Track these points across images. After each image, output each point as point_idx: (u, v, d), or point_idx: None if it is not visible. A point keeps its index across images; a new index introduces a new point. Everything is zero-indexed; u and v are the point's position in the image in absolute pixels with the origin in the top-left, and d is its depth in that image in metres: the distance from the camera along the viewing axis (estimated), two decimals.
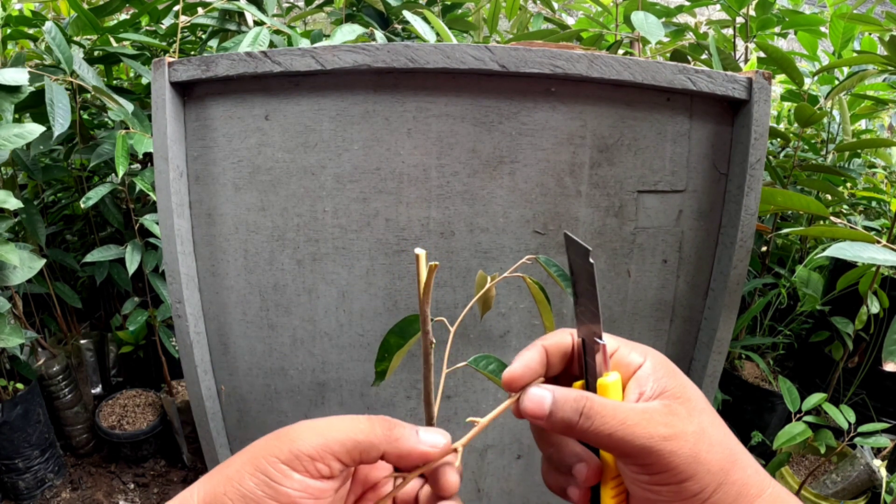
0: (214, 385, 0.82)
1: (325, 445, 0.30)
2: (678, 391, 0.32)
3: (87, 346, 1.66)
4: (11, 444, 1.35)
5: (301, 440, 0.30)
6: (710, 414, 0.32)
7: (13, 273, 1.10)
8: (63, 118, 1.01)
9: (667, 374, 0.33)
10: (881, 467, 1.15)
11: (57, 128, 1.00)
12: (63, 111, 1.02)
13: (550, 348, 0.35)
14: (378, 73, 0.69)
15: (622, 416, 0.30)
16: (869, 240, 0.73)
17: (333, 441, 0.30)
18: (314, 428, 0.30)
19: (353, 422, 0.31)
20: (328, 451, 0.30)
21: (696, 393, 0.33)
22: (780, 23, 1.36)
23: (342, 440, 0.30)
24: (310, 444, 0.30)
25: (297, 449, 0.29)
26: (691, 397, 0.32)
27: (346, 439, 0.30)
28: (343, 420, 0.31)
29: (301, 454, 0.29)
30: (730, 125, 0.74)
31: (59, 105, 1.02)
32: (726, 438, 0.32)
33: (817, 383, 1.53)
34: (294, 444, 0.29)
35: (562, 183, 0.74)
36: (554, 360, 0.35)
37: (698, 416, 0.31)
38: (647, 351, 0.34)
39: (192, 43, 1.49)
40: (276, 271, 0.77)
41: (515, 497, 0.89)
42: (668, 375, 0.33)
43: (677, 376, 0.33)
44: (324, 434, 0.30)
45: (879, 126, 2.01)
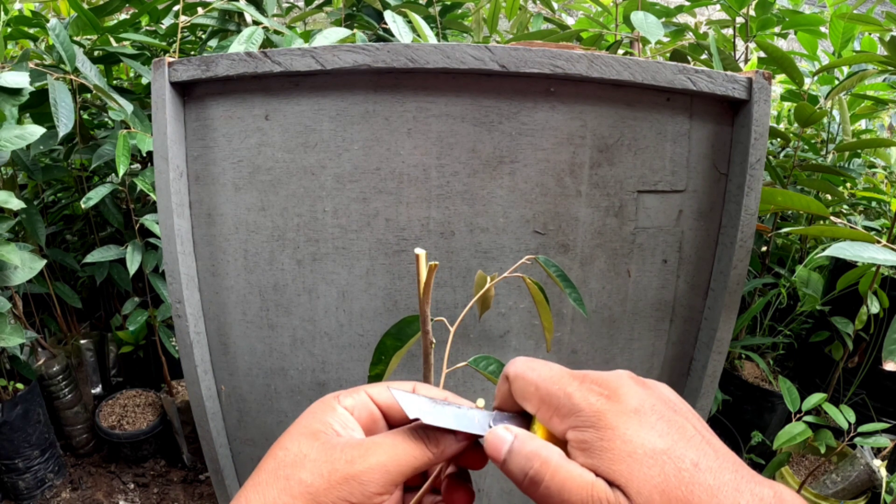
0: (214, 385, 0.82)
1: (391, 481, 0.32)
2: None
3: (87, 346, 1.66)
4: (11, 444, 1.35)
5: (372, 482, 0.31)
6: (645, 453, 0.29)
7: (14, 273, 1.10)
8: (67, 118, 1.02)
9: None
10: (881, 467, 1.15)
11: (61, 128, 1.01)
12: (66, 111, 1.02)
13: None
14: (378, 73, 0.69)
15: (566, 496, 0.29)
16: (869, 240, 0.73)
17: (398, 475, 0.32)
18: (381, 466, 0.32)
19: (405, 446, 0.33)
20: (392, 483, 0.32)
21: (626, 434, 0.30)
22: (780, 23, 1.36)
23: (404, 471, 0.32)
24: (379, 485, 0.31)
25: (368, 492, 0.31)
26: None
27: (407, 469, 0.32)
28: (397, 447, 0.33)
29: (372, 494, 0.31)
30: (730, 125, 0.74)
31: (63, 105, 1.02)
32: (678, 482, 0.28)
33: (817, 383, 1.53)
34: (365, 486, 0.31)
35: (562, 183, 0.74)
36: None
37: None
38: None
39: (192, 43, 1.49)
40: (276, 271, 0.77)
41: (515, 497, 0.89)
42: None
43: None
44: (390, 471, 0.32)
45: (879, 126, 2.01)
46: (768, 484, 0.29)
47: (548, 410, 0.32)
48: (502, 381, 0.36)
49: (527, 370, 0.34)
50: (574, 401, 0.31)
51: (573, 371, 0.33)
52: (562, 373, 0.33)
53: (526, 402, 0.34)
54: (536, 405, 0.33)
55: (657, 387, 0.33)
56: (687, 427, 0.31)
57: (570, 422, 0.31)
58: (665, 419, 0.30)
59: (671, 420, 0.31)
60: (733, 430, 1.51)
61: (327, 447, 0.32)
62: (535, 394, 0.33)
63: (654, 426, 0.30)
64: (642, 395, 0.31)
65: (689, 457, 0.29)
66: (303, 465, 0.32)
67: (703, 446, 0.30)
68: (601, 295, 0.79)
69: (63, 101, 1.02)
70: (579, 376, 0.33)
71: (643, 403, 0.31)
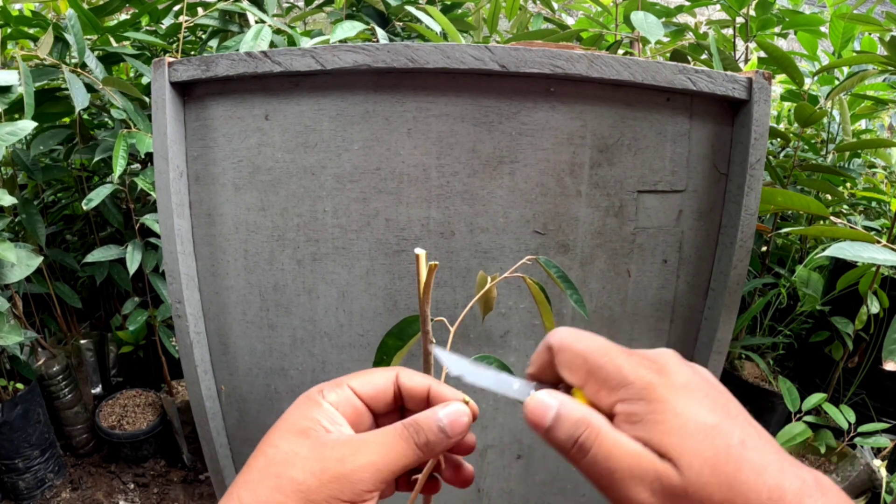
0: (214, 385, 0.82)
1: (382, 479, 0.32)
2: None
3: (87, 346, 1.66)
4: (11, 444, 1.35)
5: (363, 481, 0.32)
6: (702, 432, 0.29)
7: (10, 271, 1.10)
8: (82, 97, 1.09)
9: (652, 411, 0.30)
10: (881, 467, 1.15)
11: (78, 104, 1.08)
12: (80, 92, 1.10)
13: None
14: (378, 73, 0.69)
15: (613, 465, 0.29)
16: (869, 240, 0.73)
17: (389, 473, 0.33)
18: (372, 465, 0.32)
19: (395, 444, 0.33)
20: (382, 482, 0.32)
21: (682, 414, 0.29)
22: (780, 23, 1.36)
23: (394, 469, 0.33)
24: (370, 483, 0.32)
25: (359, 490, 0.32)
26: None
27: (397, 468, 0.33)
28: (387, 445, 0.33)
29: (363, 492, 0.32)
30: (730, 125, 0.74)
31: (76, 87, 1.10)
32: (729, 469, 0.28)
33: (817, 383, 1.53)
34: (356, 485, 0.32)
35: (562, 183, 0.74)
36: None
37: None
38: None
39: (192, 43, 1.49)
40: (276, 271, 0.77)
41: (515, 497, 0.89)
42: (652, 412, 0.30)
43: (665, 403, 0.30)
44: (380, 469, 0.32)
45: (879, 126, 2.01)
46: (808, 469, 0.29)
47: (595, 383, 0.31)
48: (543, 351, 0.34)
49: (574, 340, 0.33)
50: (624, 373, 0.30)
51: (618, 346, 0.33)
52: (610, 345, 0.32)
53: (572, 373, 0.32)
54: (583, 377, 0.32)
55: (699, 368, 0.33)
56: (730, 406, 0.31)
57: (619, 394, 0.30)
58: (711, 397, 0.30)
59: (716, 399, 0.30)
60: None
61: (318, 445, 0.33)
62: (583, 365, 0.32)
63: (703, 402, 0.30)
64: (688, 373, 0.31)
65: (736, 434, 0.29)
66: (294, 464, 0.32)
67: (747, 426, 0.30)
68: (601, 295, 0.79)
69: (76, 84, 1.10)
70: (627, 350, 0.32)
71: (690, 380, 0.31)
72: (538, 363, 0.35)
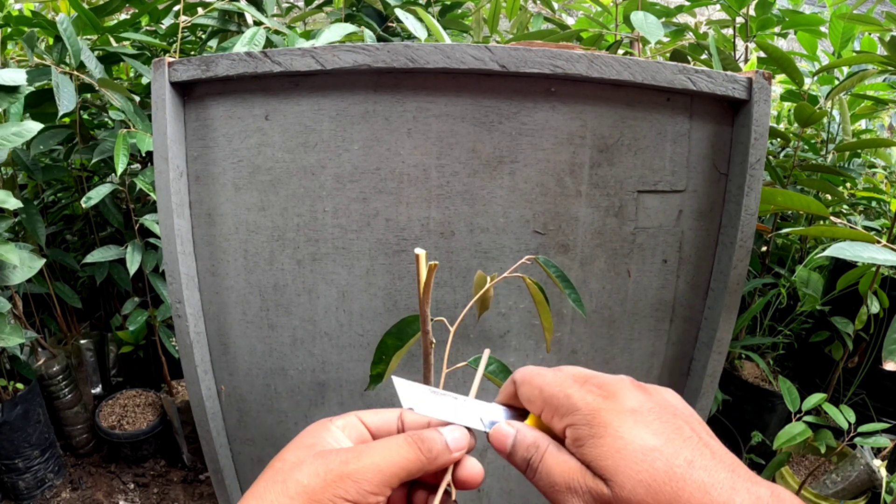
0: (214, 385, 0.82)
1: (385, 481, 0.33)
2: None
3: (87, 346, 1.66)
4: (11, 444, 1.35)
5: (366, 481, 0.32)
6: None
7: (13, 273, 1.10)
8: (68, 100, 1.07)
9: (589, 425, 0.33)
10: (881, 467, 1.15)
11: (62, 107, 1.06)
12: (68, 94, 1.07)
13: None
14: (378, 73, 0.69)
15: (552, 480, 0.33)
16: (869, 240, 0.73)
17: (391, 475, 0.33)
18: (375, 466, 0.33)
19: (398, 448, 0.34)
20: (386, 484, 0.33)
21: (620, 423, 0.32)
22: (780, 23, 1.36)
23: (397, 472, 0.33)
24: (373, 483, 0.32)
25: (363, 490, 0.32)
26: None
27: (399, 471, 0.33)
28: (391, 448, 0.34)
29: (366, 493, 0.32)
30: (730, 125, 0.74)
31: (65, 89, 1.07)
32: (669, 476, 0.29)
33: (817, 383, 1.53)
34: (360, 485, 0.32)
35: (562, 183, 0.74)
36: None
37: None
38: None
39: (192, 43, 1.49)
40: (276, 271, 0.77)
41: (515, 497, 0.89)
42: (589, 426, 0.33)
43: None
44: (383, 470, 0.33)
45: (879, 126, 2.01)
46: (766, 484, 0.29)
47: (549, 411, 0.35)
48: (508, 384, 0.39)
49: (534, 375, 0.37)
50: (573, 400, 0.34)
51: (577, 374, 0.36)
52: (565, 377, 0.36)
53: (531, 404, 0.36)
54: (540, 407, 0.36)
55: (658, 391, 0.35)
56: (684, 428, 0.32)
57: (567, 420, 0.34)
58: (662, 420, 0.32)
59: (668, 421, 0.32)
60: (733, 430, 1.51)
61: (323, 453, 0.34)
62: (539, 396, 0.36)
63: (650, 425, 0.31)
64: (641, 398, 0.33)
65: (683, 455, 0.30)
66: (299, 469, 0.33)
67: (700, 446, 0.31)
68: (601, 295, 0.79)
69: (65, 87, 1.07)
70: (581, 379, 0.35)
71: (641, 405, 0.33)
72: (504, 394, 0.40)
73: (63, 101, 1.06)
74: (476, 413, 0.38)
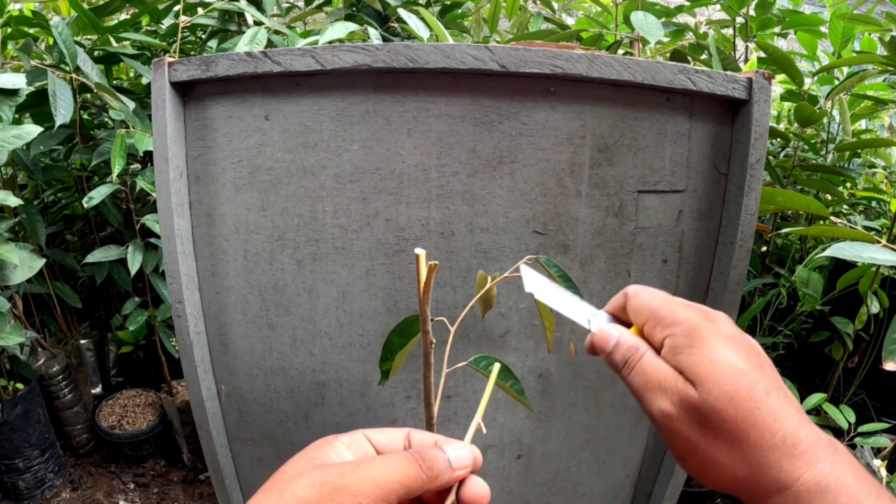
0: (214, 385, 0.82)
1: (381, 496, 0.32)
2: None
3: (87, 346, 1.66)
4: (11, 444, 1.35)
5: (362, 493, 0.32)
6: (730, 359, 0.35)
7: (13, 272, 1.10)
8: (65, 109, 1.04)
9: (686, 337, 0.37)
10: (881, 467, 1.15)
11: (59, 118, 1.03)
12: (65, 103, 1.05)
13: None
14: (378, 73, 0.69)
15: (646, 378, 0.37)
16: (869, 240, 0.73)
17: (390, 491, 0.33)
18: (371, 479, 0.32)
19: (398, 463, 0.34)
20: (383, 499, 0.32)
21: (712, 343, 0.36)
22: (780, 23, 1.36)
23: (395, 488, 0.33)
24: (369, 497, 0.32)
25: (358, 502, 0.32)
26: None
27: (398, 486, 0.33)
28: (390, 463, 0.34)
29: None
30: (730, 125, 0.74)
31: (62, 97, 1.05)
32: (749, 395, 0.34)
33: (817, 383, 1.53)
34: (356, 497, 0.32)
35: (562, 183, 0.74)
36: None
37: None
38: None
39: (192, 43, 1.49)
40: (276, 271, 0.77)
41: (515, 497, 0.89)
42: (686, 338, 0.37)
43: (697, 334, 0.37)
44: (380, 485, 0.33)
45: (879, 126, 2.01)
46: (825, 433, 0.34)
47: (653, 322, 0.39)
48: (619, 296, 0.43)
49: (646, 290, 0.41)
50: (677, 315, 0.38)
51: (684, 300, 0.40)
52: (674, 298, 0.40)
53: (637, 314, 0.40)
54: (646, 317, 0.40)
55: (748, 336, 0.39)
56: (766, 366, 0.36)
57: (669, 330, 0.37)
58: (749, 353, 0.36)
59: (755, 356, 0.36)
60: None
61: (321, 466, 0.34)
62: (648, 307, 0.40)
63: (740, 353, 0.36)
64: (735, 331, 0.37)
65: (763, 383, 0.34)
66: (297, 481, 0.33)
67: (777, 384, 0.35)
68: (601, 295, 0.79)
69: (62, 94, 1.05)
70: (686, 303, 0.39)
71: (735, 335, 0.37)
72: (614, 304, 0.44)
73: (60, 109, 1.03)
74: (585, 313, 0.43)
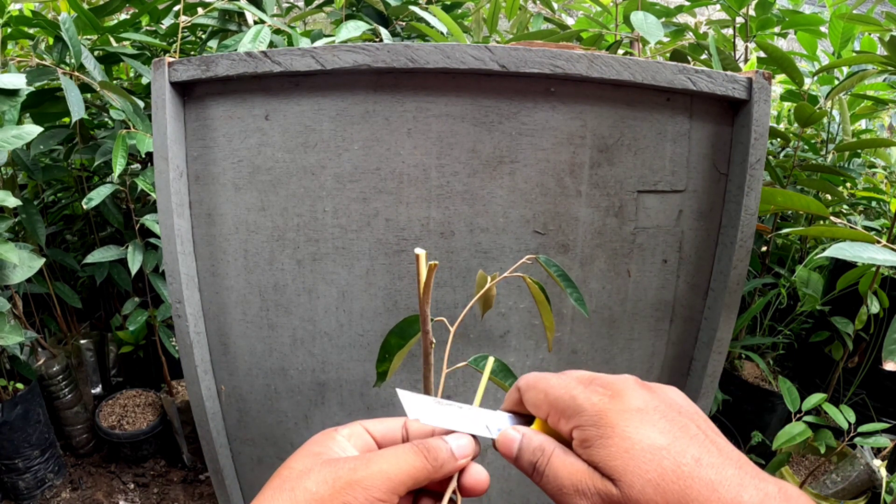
0: (214, 385, 0.82)
1: (393, 488, 0.33)
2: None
3: (87, 346, 1.66)
4: (11, 444, 1.35)
5: (374, 488, 0.32)
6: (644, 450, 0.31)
7: (13, 272, 1.10)
8: (78, 105, 1.07)
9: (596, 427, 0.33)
10: (881, 467, 1.15)
11: (74, 114, 1.06)
12: (76, 99, 1.08)
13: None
14: (378, 73, 0.69)
15: (560, 483, 0.33)
16: (869, 240, 0.73)
17: (399, 483, 0.33)
18: (383, 473, 0.33)
19: (406, 455, 0.34)
20: (394, 491, 0.33)
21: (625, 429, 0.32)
22: (780, 23, 1.36)
23: (404, 480, 0.33)
24: (382, 490, 0.33)
25: (371, 496, 0.32)
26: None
27: (407, 478, 0.34)
28: (398, 456, 0.34)
29: (375, 500, 0.32)
30: (730, 125, 0.74)
31: (72, 94, 1.07)
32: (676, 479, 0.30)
33: (817, 383, 1.53)
34: (369, 492, 0.32)
35: (562, 183, 0.74)
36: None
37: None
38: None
39: (192, 43, 1.49)
40: (276, 271, 0.77)
41: (515, 497, 0.89)
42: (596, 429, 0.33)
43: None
44: (391, 478, 0.33)
45: (879, 126, 2.01)
46: (773, 480, 0.30)
47: (555, 414, 0.35)
48: (513, 391, 0.39)
49: (539, 380, 0.37)
50: (578, 402, 0.34)
51: (581, 376, 0.36)
52: (570, 379, 0.36)
53: (536, 409, 0.37)
54: (546, 410, 0.36)
55: (663, 390, 0.35)
56: (690, 426, 0.32)
57: (574, 421, 0.34)
58: (668, 419, 0.32)
59: (674, 420, 0.32)
60: (733, 430, 1.51)
61: (331, 461, 0.34)
62: (545, 400, 0.36)
63: (656, 424, 0.32)
64: (646, 397, 0.33)
65: (690, 453, 0.30)
66: (308, 477, 0.33)
67: (707, 444, 0.31)
68: (601, 295, 0.79)
69: (72, 91, 1.07)
70: (585, 380, 0.35)
71: (647, 404, 0.33)
72: (510, 401, 0.40)
73: (74, 106, 1.06)
74: (482, 421, 0.39)
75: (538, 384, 0.37)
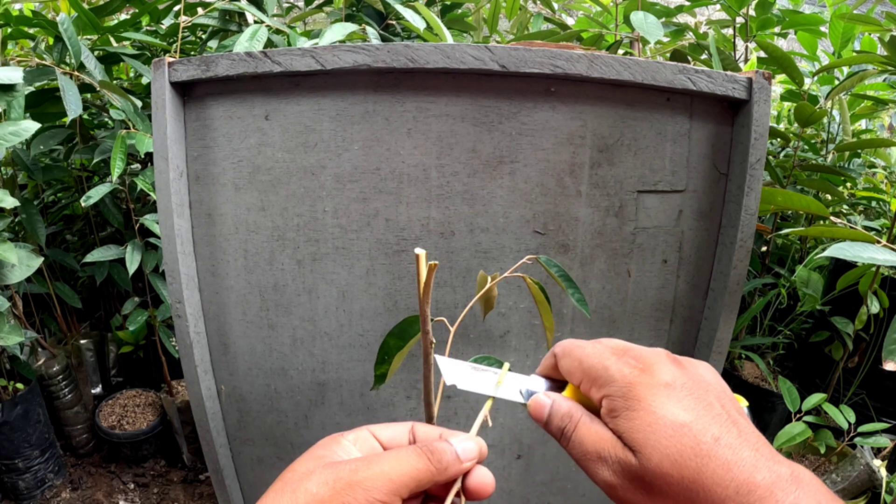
0: (214, 385, 0.82)
1: (394, 490, 0.33)
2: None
3: (87, 346, 1.66)
4: (11, 444, 1.35)
5: (375, 489, 0.32)
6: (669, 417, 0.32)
7: (11, 271, 1.10)
8: (75, 103, 1.06)
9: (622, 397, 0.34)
10: (881, 467, 1.15)
11: (71, 112, 1.05)
12: (74, 98, 1.07)
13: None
14: (378, 73, 0.69)
15: (584, 448, 0.34)
16: (869, 240, 0.73)
17: (401, 485, 0.33)
18: (384, 474, 0.33)
19: (408, 457, 0.34)
20: (395, 493, 0.33)
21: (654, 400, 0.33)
22: (780, 23, 1.36)
23: (407, 482, 0.33)
24: (382, 492, 0.32)
25: (372, 497, 0.32)
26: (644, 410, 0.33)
27: (409, 480, 0.33)
28: (400, 458, 0.34)
29: (375, 500, 0.32)
30: (730, 125, 0.74)
31: (70, 93, 1.07)
32: (695, 457, 0.31)
33: (817, 383, 1.53)
34: (369, 492, 0.32)
35: (562, 183, 0.74)
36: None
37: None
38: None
39: (192, 43, 1.49)
40: (276, 271, 0.77)
41: (515, 497, 0.89)
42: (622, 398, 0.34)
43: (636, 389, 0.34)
44: (393, 479, 0.33)
45: (879, 126, 2.01)
46: (787, 463, 0.31)
47: (588, 382, 0.36)
48: (549, 356, 0.40)
49: (574, 347, 0.38)
50: (610, 372, 0.35)
51: (616, 346, 0.37)
52: (604, 348, 0.37)
53: (570, 375, 0.38)
54: (579, 378, 0.37)
55: (694, 365, 0.36)
56: (715, 405, 0.33)
57: (604, 391, 0.35)
58: (694, 396, 0.33)
59: (700, 397, 0.33)
60: None
61: (333, 463, 0.34)
62: (579, 367, 0.37)
63: (682, 401, 0.33)
64: (675, 372, 0.34)
65: (710, 431, 0.31)
66: (309, 478, 0.33)
67: (728, 424, 0.32)
68: (601, 295, 0.79)
69: (70, 91, 1.07)
70: (619, 351, 0.36)
71: (675, 380, 0.34)
72: (545, 366, 0.41)
73: (70, 105, 1.06)
74: (516, 386, 0.40)
75: (574, 352, 0.37)
